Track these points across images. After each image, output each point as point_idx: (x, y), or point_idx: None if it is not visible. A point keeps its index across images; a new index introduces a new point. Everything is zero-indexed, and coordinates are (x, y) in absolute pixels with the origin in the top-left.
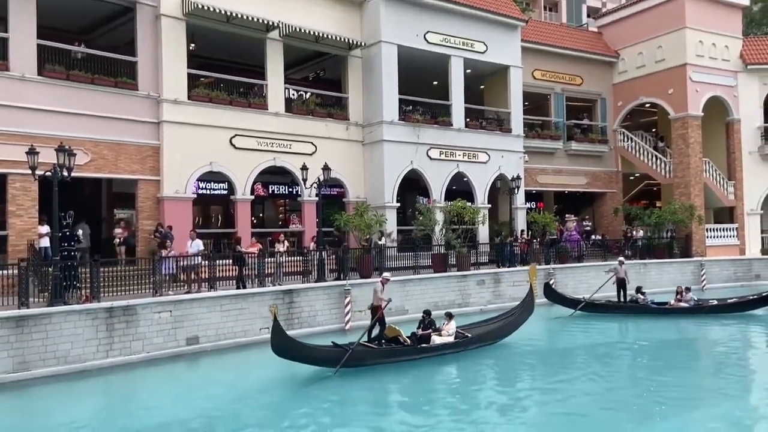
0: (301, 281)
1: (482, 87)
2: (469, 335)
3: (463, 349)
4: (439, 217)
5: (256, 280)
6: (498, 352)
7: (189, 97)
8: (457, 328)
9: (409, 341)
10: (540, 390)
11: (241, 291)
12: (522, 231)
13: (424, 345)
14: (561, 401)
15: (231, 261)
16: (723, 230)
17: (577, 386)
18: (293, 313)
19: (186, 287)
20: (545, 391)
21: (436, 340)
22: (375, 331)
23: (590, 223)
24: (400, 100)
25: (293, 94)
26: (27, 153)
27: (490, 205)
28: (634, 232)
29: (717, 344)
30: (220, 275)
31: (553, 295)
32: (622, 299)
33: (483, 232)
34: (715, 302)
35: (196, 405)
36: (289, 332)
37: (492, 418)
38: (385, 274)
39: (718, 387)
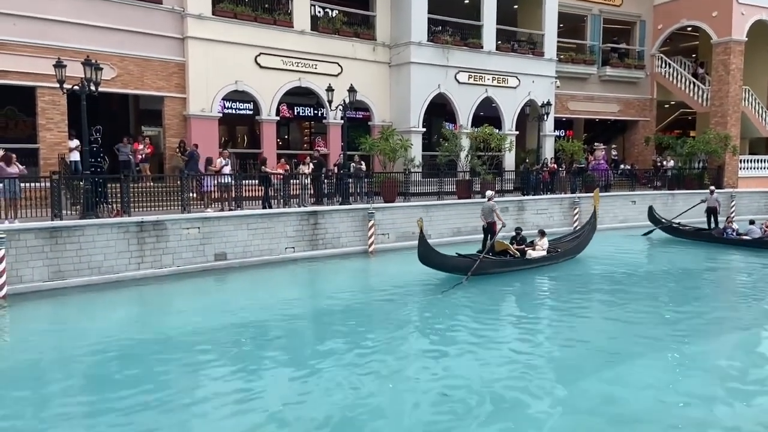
0: (326, 204)
1: (516, 7)
2: (560, 250)
3: (555, 261)
4: (465, 143)
5: (281, 200)
6: (580, 264)
7: (213, 13)
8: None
9: (518, 254)
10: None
11: (267, 211)
12: (551, 158)
13: (528, 258)
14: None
15: (257, 181)
16: (758, 162)
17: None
18: (317, 234)
19: (218, 205)
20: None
21: (533, 254)
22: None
23: (617, 153)
24: (429, 19)
25: (319, 12)
26: (54, 66)
27: (517, 132)
28: (665, 162)
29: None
30: (246, 195)
31: (653, 217)
32: (712, 226)
33: (509, 160)
34: None
35: (229, 314)
36: (313, 252)
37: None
38: (489, 192)
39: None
